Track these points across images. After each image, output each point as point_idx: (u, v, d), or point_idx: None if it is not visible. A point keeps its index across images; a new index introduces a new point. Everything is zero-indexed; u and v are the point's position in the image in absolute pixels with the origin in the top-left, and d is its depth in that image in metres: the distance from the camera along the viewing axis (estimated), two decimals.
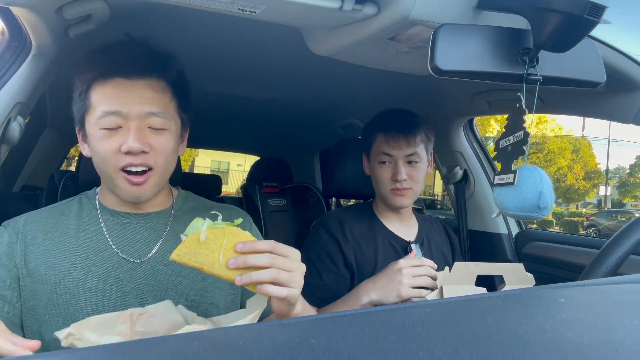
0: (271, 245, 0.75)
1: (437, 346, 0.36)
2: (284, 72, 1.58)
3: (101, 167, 0.91)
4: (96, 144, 0.89)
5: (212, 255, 0.72)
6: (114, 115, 0.87)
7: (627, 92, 1.21)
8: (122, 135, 0.87)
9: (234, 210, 1.10)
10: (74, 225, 0.95)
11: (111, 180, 0.91)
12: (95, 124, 0.89)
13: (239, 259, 0.72)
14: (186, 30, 1.21)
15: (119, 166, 0.88)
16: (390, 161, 1.35)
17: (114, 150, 0.87)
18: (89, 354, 0.34)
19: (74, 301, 0.87)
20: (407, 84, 1.53)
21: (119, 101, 0.87)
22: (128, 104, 0.87)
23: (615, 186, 27.16)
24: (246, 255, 0.72)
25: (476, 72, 0.86)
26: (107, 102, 0.87)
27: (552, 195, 0.88)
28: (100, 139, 0.88)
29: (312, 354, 0.33)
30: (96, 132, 0.89)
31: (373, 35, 0.98)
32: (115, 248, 0.93)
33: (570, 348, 0.36)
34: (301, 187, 2.68)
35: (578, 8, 0.75)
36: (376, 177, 1.38)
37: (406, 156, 1.34)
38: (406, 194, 1.35)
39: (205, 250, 0.72)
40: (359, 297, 1.15)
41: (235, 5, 0.89)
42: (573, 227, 19.23)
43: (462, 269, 1.06)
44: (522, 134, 0.89)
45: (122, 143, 0.87)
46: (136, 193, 0.91)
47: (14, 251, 0.89)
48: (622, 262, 0.80)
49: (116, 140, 0.87)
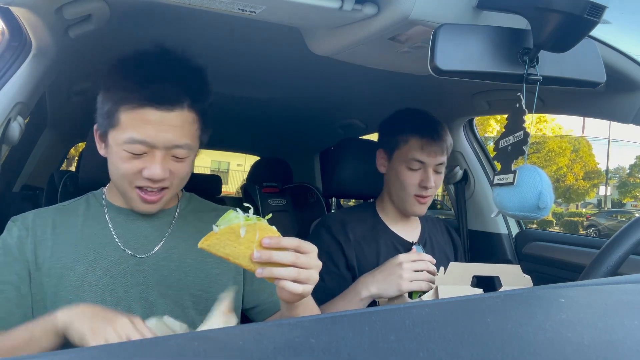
0: (295, 243, 0.77)
1: (437, 346, 0.36)
2: (284, 72, 1.58)
3: (116, 179, 0.93)
4: (117, 160, 0.90)
5: (240, 247, 0.74)
6: (141, 144, 0.87)
7: (627, 92, 1.21)
8: (145, 161, 0.89)
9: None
10: (80, 221, 0.97)
11: (124, 192, 0.93)
12: (120, 144, 0.88)
13: (264, 254, 0.74)
14: (186, 30, 1.21)
15: (135, 185, 0.90)
16: (420, 167, 1.33)
17: (135, 171, 0.89)
18: (89, 354, 0.34)
19: (78, 293, 0.88)
20: (407, 84, 1.53)
21: (148, 132, 0.87)
22: (156, 135, 0.87)
23: (615, 186, 27.16)
24: (271, 250, 0.75)
25: (476, 72, 0.86)
26: (136, 129, 0.87)
27: (552, 196, 0.88)
28: (123, 159, 0.89)
29: (312, 354, 0.33)
30: (120, 152, 0.89)
31: (373, 35, 0.98)
32: (120, 243, 0.95)
33: (570, 348, 0.36)
34: (301, 187, 2.68)
35: (578, 8, 0.75)
36: (401, 181, 1.34)
37: (436, 165, 1.33)
38: (427, 200, 1.34)
39: (235, 242, 0.74)
40: (358, 292, 1.16)
41: (235, 5, 0.89)
42: (573, 227, 19.23)
43: (458, 270, 1.06)
44: (521, 134, 0.89)
45: (144, 168, 0.88)
46: (147, 209, 0.94)
47: (25, 245, 0.91)
48: (622, 262, 0.80)
49: (139, 164, 0.89)
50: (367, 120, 2.28)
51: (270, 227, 0.76)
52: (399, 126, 1.39)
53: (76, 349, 0.34)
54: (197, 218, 1.06)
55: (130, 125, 0.87)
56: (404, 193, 1.34)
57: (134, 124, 0.87)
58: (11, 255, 0.91)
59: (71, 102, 1.70)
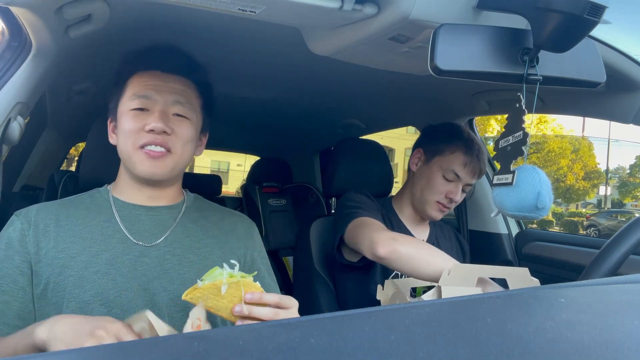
0: (276, 299, 0.79)
1: (437, 346, 0.36)
2: (284, 72, 1.58)
3: (123, 146, 0.98)
4: (123, 122, 0.98)
5: (222, 301, 0.77)
6: (143, 98, 0.97)
7: (627, 92, 1.21)
8: (148, 117, 0.96)
9: (240, 218, 1.14)
10: (85, 214, 0.99)
11: (130, 158, 0.97)
12: (125, 107, 0.98)
13: (245, 309, 0.77)
14: (186, 30, 1.21)
15: (139, 143, 0.95)
16: (454, 180, 1.38)
17: (138, 128, 0.95)
18: (89, 354, 0.34)
19: (80, 283, 0.89)
20: (407, 84, 1.53)
21: (152, 87, 0.98)
22: (158, 91, 0.98)
23: (615, 186, 27.15)
24: (252, 305, 0.77)
25: (476, 72, 0.86)
26: (141, 87, 0.98)
27: (551, 196, 0.88)
28: (127, 119, 0.97)
29: (312, 354, 0.33)
30: (125, 114, 0.98)
31: (373, 35, 0.98)
32: (127, 232, 0.98)
33: (570, 348, 0.36)
34: (301, 187, 2.68)
35: (578, 8, 0.75)
36: (432, 185, 1.39)
37: (467, 184, 1.40)
38: (445, 211, 1.41)
39: (217, 297, 0.76)
40: None
41: (235, 5, 0.89)
42: (573, 227, 19.23)
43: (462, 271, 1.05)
44: (521, 134, 0.89)
45: (147, 123, 0.95)
46: (152, 168, 0.96)
47: (26, 237, 0.92)
48: (622, 262, 0.80)
49: (142, 119, 0.96)
50: (367, 120, 2.28)
51: (255, 283, 0.79)
52: (448, 135, 1.43)
53: (76, 349, 0.34)
54: (203, 216, 1.08)
55: (137, 86, 0.99)
56: (430, 197, 1.39)
57: (140, 84, 0.99)
58: (12, 249, 0.92)
59: (71, 102, 1.70)
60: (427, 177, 1.40)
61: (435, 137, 1.46)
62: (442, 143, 1.42)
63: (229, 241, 1.06)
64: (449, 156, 1.38)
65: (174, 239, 1.00)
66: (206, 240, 1.03)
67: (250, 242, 1.11)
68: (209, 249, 1.02)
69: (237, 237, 1.09)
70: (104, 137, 1.10)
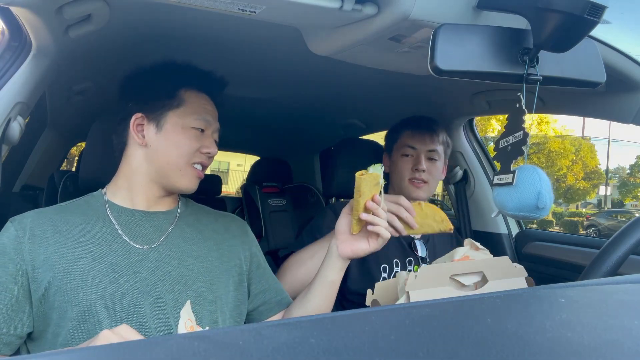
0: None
1: (437, 346, 0.36)
2: (284, 72, 1.58)
3: (174, 159, 1.02)
4: (181, 137, 1.03)
5: (368, 191, 1.00)
6: (205, 121, 1.06)
7: (627, 92, 1.21)
8: (204, 140, 1.05)
9: (231, 218, 1.18)
10: (82, 220, 0.98)
11: (178, 171, 1.02)
12: (186, 122, 1.03)
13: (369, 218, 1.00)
14: (186, 30, 1.21)
15: (194, 161, 1.03)
16: (412, 154, 1.46)
17: (196, 148, 1.03)
18: (89, 354, 0.34)
19: (84, 286, 0.89)
20: (407, 84, 1.53)
21: (209, 112, 1.08)
22: (212, 116, 1.09)
23: (615, 186, 27.15)
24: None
25: (476, 72, 0.86)
26: (201, 108, 1.06)
27: (551, 196, 0.88)
28: (189, 137, 1.03)
29: (312, 354, 0.33)
30: (186, 130, 1.03)
31: (373, 35, 0.98)
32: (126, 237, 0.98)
33: (570, 348, 0.36)
34: (301, 187, 2.67)
35: (578, 8, 0.75)
36: (397, 169, 1.48)
37: (428, 151, 1.46)
38: (423, 187, 1.45)
39: (369, 185, 0.99)
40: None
41: (235, 5, 0.89)
42: (573, 227, 19.22)
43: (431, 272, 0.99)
44: (521, 134, 0.89)
45: (204, 146, 1.04)
46: (195, 186, 1.05)
47: (22, 245, 0.91)
48: (622, 262, 0.80)
49: (200, 141, 1.04)
50: (367, 120, 2.27)
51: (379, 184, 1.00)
52: (395, 127, 1.57)
53: (76, 349, 0.34)
54: (197, 219, 1.10)
55: (198, 106, 1.06)
56: (401, 179, 1.46)
57: (200, 105, 1.07)
58: (6, 256, 0.90)
59: (71, 102, 1.70)
60: (394, 167, 1.50)
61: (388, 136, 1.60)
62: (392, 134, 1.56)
63: (225, 241, 1.09)
64: (400, 139, 1.51)
65: (173, 242, 1.01)
66: (203, 242, 1.06)
67: (246, 239, 1.15)
68: (206, 251, 1.04)
69: (233, 235, 1.12)
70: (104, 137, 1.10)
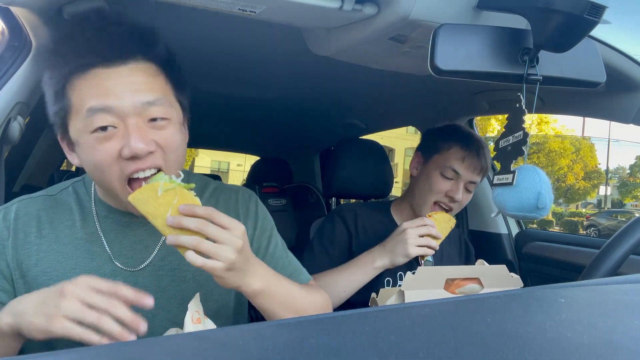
0: (208, 212, 0.72)
1: (437, 346, 0.36)
2: (284, 72, 1.58)
3: (100, 178, 0.79)
4: (89, 152, 0.76)
5: (159, 208, 0.72)
6: (103, 112, 0.73)
7: (627, 92, 1.21)
8: (120, 137, 0.74)
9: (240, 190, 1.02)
10: (70, 223, 0.87)
11: (112, 190, 0.79)
12: (82, 128, 0.75)
13: (176, 218, 0.71)
14: (186, 30, 1.21)
15: (125, 175, 0.76)
16: (453, 178, 1.32)
17: (113, 156, 0.74)
18: (89, 354, 0.34)
19: None
20: (407, 84, 1.53)
21: (106, 94, 0.73)
22: (117, 95, 0.73)
23: (615, 186, 27.15)
24: (183, 217, 0.71)
25: (476, 72, 0.86)
26: (92, 97, 0.73)
27: (551, 196, 0.88)
28: (93, 146, 0.75)
29: (312, 354, 0.33)
30: (87, 139, 0.75)
31: (373, 35, 0.98)
32: (112, 255, 0.85)
33: (570, 348, 0.36)
34: (301, 187, 2.68)
35: (578, 8, 0.75)
36: (430, 185, 1.34)
37: (469, 182, 1.33)
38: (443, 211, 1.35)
39: (156, 202, 0.72)
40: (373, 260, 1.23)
41: (235, 5, 0.89)
42: (573, 227, 19.23)
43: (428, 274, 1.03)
44: (521, 134, 0.89)
45: (123, 146, 0.74)
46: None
47: (6, 249, 0.83)
48: (622, 262, 0.80)
49: (114, 144, 0.74)
50: (367, 120, 2.28)
51: (193, 196, 0.74)
52: (445, 133, 1.39)
53: (76, 349, 0.34)
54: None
55: (85, 97, 0.74)
56: (427, 197, 1.34)
57: (88, 93, 0.74)
58: None
59: None
60: (425, 178, 1.35)
61: (431, 137, 1.43)
62: (438, 140, 1.38)
63: None
64: (446, 153, 1.33)
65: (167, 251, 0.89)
66: None
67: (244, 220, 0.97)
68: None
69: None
70: None
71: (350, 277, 1.24)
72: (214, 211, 0.72)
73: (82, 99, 0.75)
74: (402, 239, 1.20)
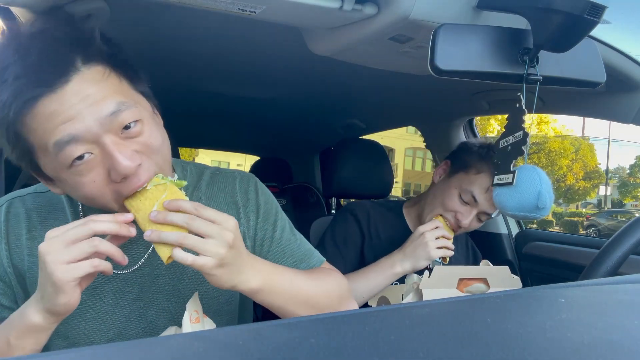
0: (195, 206, 0.68)
1: (437, 346, 0.36)
2: (284, 72, 1.58)
3: (93, 204, 0.74)
4: (75, 187, 0.70)
5: (145, 202, 0.70)
6: (71, 142, 0.65)
7: (627, 92, 1.21)
8: (102, 161, 0.68)
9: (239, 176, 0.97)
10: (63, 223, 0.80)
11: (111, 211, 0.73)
12: (57, 166, 0.68)
13: (161, 213, 0.67)
14: (186, 30, 1.21)
15: (122, 196, 0.71)
16: (470, 204, 1.28)
17: (102, 184, 0.69)
18: (89, 354, 0.34)
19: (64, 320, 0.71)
20: (407, 84, 1.53)
21: (65, 121, 0.65)
22: (77, 118, 0.65)
23: (615, 186, 27.15)
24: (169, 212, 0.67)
25: (476, 72, 0.86)
26: (51, 131, 0.65)
27: (551, 196, 0.88)
28: (77, 181, 0.69)
29: (312, 354, 0.33)
30: (66, 175, 0.69)
31: (373, 35, 0.98)
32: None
33: (570, 348, 0.36)
34: (301, 187, 2.68)
35: (578, 8, 0.75)
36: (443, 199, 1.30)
37: (484, 212, 1.29)
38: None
39: (142, 195, 0.70)
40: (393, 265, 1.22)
41: (235, 5, 0.89)
42: (573, 227, 19.24)
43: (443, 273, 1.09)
44: (521, 134, 0.89)
45: (109, 170, 0.68)
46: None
47: (1, 252, 0.80)
48: (622, 262, 0.80)
49: (98, 171, 0.69)
50: (367, 120, 2.28)
51: (184, 195, 0.71)
52: (480, 155, 1.32)
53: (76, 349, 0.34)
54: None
55: (44, 132, 0.66)
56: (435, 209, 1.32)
57: (45, 127, 0.65)
58: None
59: None
60: (443, 191, 1.32)
61: (466, 152, 1.36)
62: (471, 160, 1.31)
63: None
64: (473, 176, 1.27)
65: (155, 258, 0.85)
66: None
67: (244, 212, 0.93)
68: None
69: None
70: None
71: (371, 282, 1.23)
72: (201, 206, 0.68)
73: (42, 136, 0.66)
74: (422, 243, 1.20)
